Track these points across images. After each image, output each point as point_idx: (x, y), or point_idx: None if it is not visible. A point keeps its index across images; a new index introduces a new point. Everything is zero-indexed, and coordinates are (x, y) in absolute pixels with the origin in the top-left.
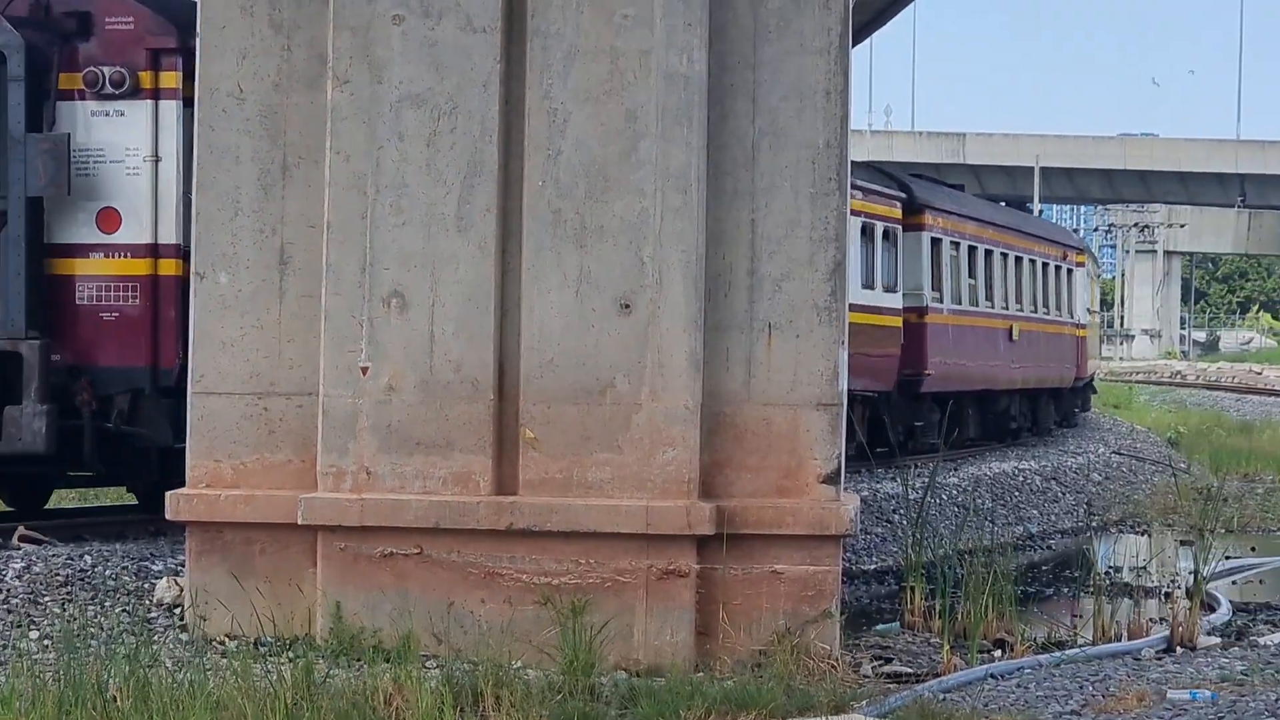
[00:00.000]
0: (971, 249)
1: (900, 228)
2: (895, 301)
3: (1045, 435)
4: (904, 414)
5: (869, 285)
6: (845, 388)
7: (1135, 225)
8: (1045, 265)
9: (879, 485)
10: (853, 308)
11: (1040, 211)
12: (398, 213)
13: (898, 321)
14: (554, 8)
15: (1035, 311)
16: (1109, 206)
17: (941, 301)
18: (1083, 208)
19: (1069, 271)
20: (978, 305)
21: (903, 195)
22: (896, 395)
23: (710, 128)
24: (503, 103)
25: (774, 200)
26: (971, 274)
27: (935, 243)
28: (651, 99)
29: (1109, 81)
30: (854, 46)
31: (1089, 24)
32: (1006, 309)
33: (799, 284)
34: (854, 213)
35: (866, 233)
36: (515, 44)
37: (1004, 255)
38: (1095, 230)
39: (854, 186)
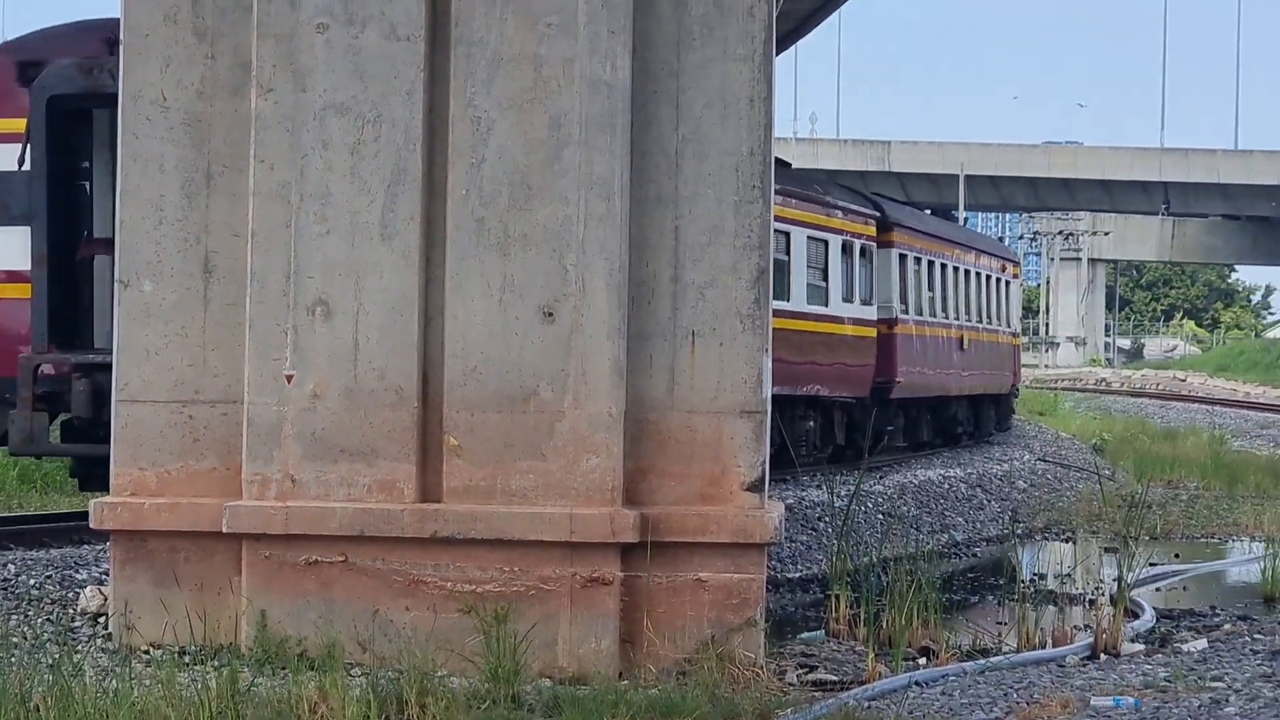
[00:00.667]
0: (930, 264)
1: (875, 245)
2: (871, 314)
3: (985, 439)
4: (876, 419)
5: (849, 299)
6: (769, 395)
7: (1060, 233)
8: (988, 278)
9: (804, 493)
10: (836, 320)
11: (965, 220)
12: (322, 221)
13: (874, 332)
14: (477, 16)
15: (980, 322)
16: (1034, 214)
17: (908, 313)
18: (1008, 215)
19: (1006, 283)
20: (936, 317)
21: (877, 215)
22: (870, 401)
23: (634, 135)
24: (427, 111)
25: (697, 208)
26: (930, 287)
27: (902, 258)
28: (575, 106)
29: (1034, 89)
30: (779, 54)
31: (1014, 32)
32: (958, 319)
33: (723, 291)
34: (836, 231)
35: (847, 250)
36: (439, 52)
37: (955, 269)
38: (1020, 238)
39: (835, 207)
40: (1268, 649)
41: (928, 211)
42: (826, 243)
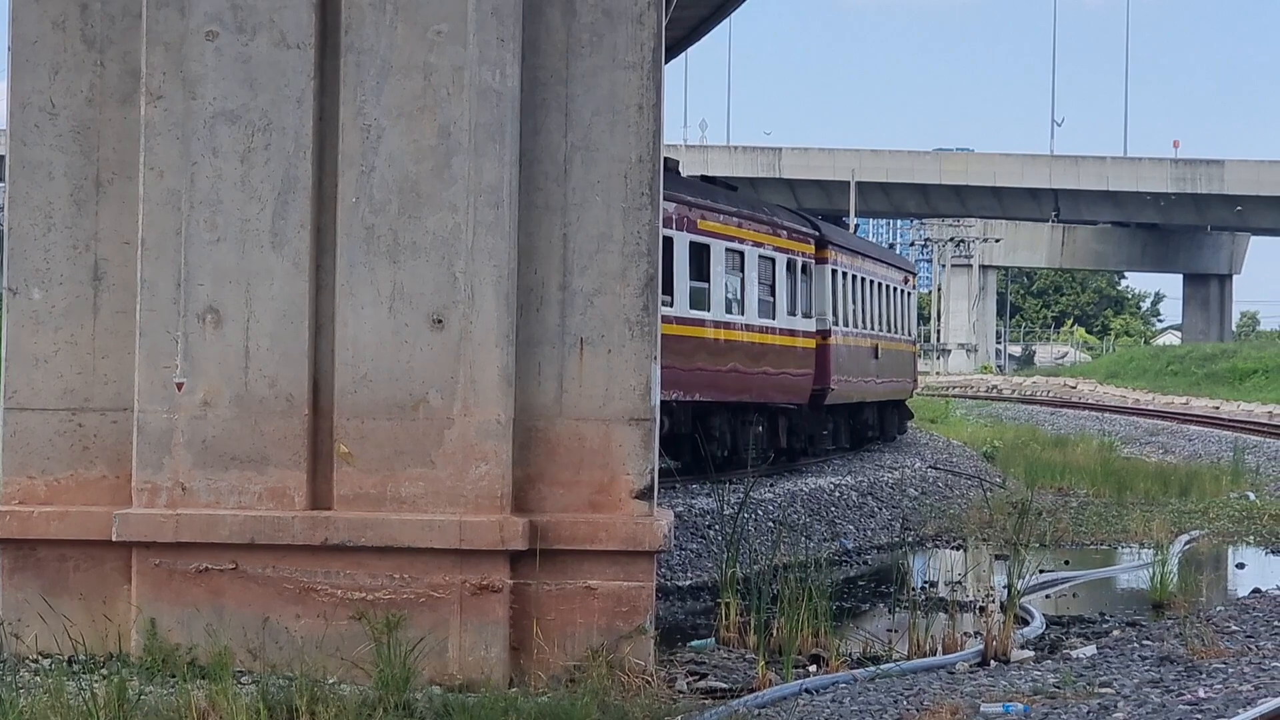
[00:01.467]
0: (854, 278)
1: (813, 261)
2: (811, 326)
3: (890, 441)
4: (812, 424)
5: (793, 313)
6: (658, 402)
7: (951, 240)
8: (894, 289)
9: (694, 501)
10: (780, 331)
11: (856, 227)
12: (212, 229)
13: (813, 344)
14: (367, 24)
15: (888, 331)
16: (925, 221)
17: (839, 325)
18: (899, 222)
19: (907, 294)
20: (858, 328)
21: (815, 234)
22: (807, 407)
23: (523, 143)
24: (317, 119)
25: (586, 215)
26: (853, 300)
27: (834, 274)
28: (465, 115)
29: (925, 97)
30: (669, 61)
31: (905, 40)
32: (873, 330)
33: (611, 299)
34: (782, 250)
35: (790, 267)
36: (329, 60)
37: (871, 282)
38: (911, 245)
39: (781, 227)
40: (1156, 655)
41: (819, 217)
42: (774, 260)
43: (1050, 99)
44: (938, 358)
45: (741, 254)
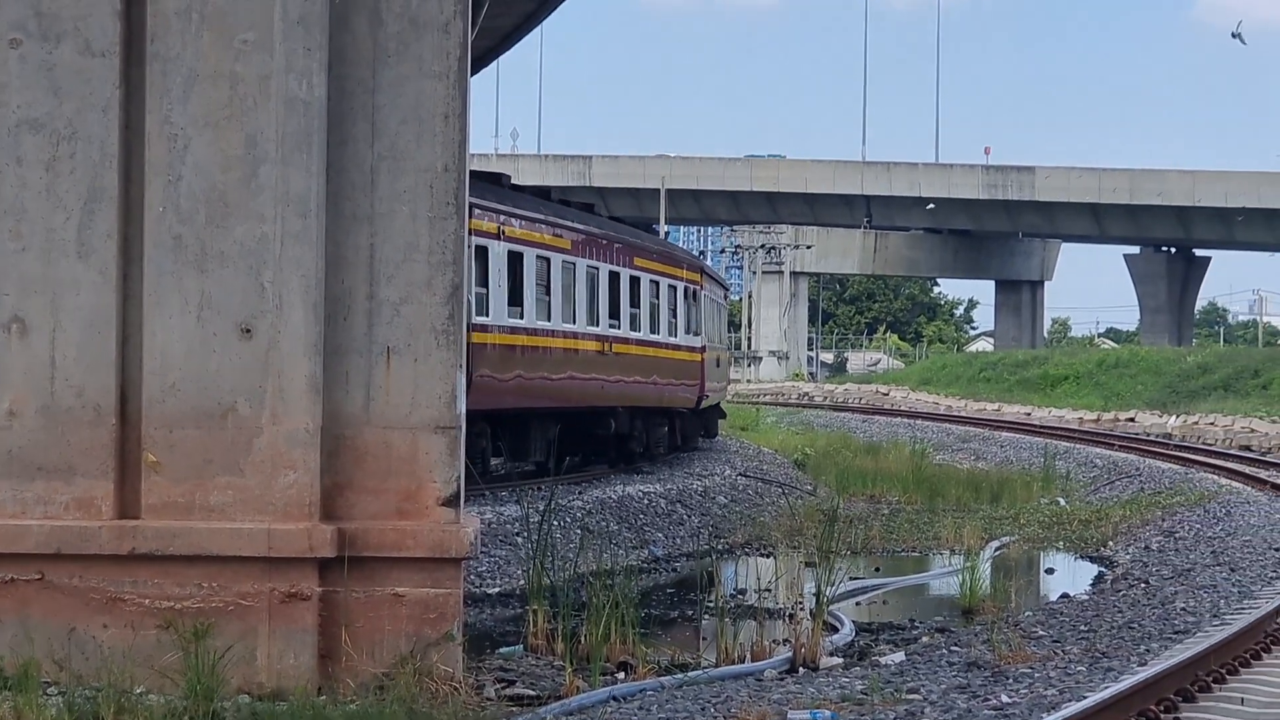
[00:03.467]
0: (710, 300)
1: (698, 288)
2: (698, 343)
3: (710, 439)
4: (694, 425)
5: (688, 332)
6: (464, 410)
7: (762, 246)
8: (719, 305)
9: (503, 509)
10: (676, 347)
11: (667, 234)
12: (17, 238)
13: (699, 358)
14: (173, 32)
15: (715, 342)
16: (736, 228)
17: (707, 342)
18: (709, 229)
19: (723, 307)
20: (711, 342)
21: (700, 266)
22: (690, 411)
23: (330, 152)
24: (123, 128)
25: (393, 224)
26: (709, 319)
27: (707, 299)
28: (272, 124)
29: (737, 104)
30: (482, 69)
31: (716, 46)
32: (712, 342)
33: (417, 308)
34: (683, 280)
35: (686, 294)
36: (135, 68)
37: (713, 301)
38: (722, 252)
39: (682, 262)
40: (963, 660)
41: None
42: (676, 288)
43: (862, 105)
44: (749, 365)
45: (657, 284)
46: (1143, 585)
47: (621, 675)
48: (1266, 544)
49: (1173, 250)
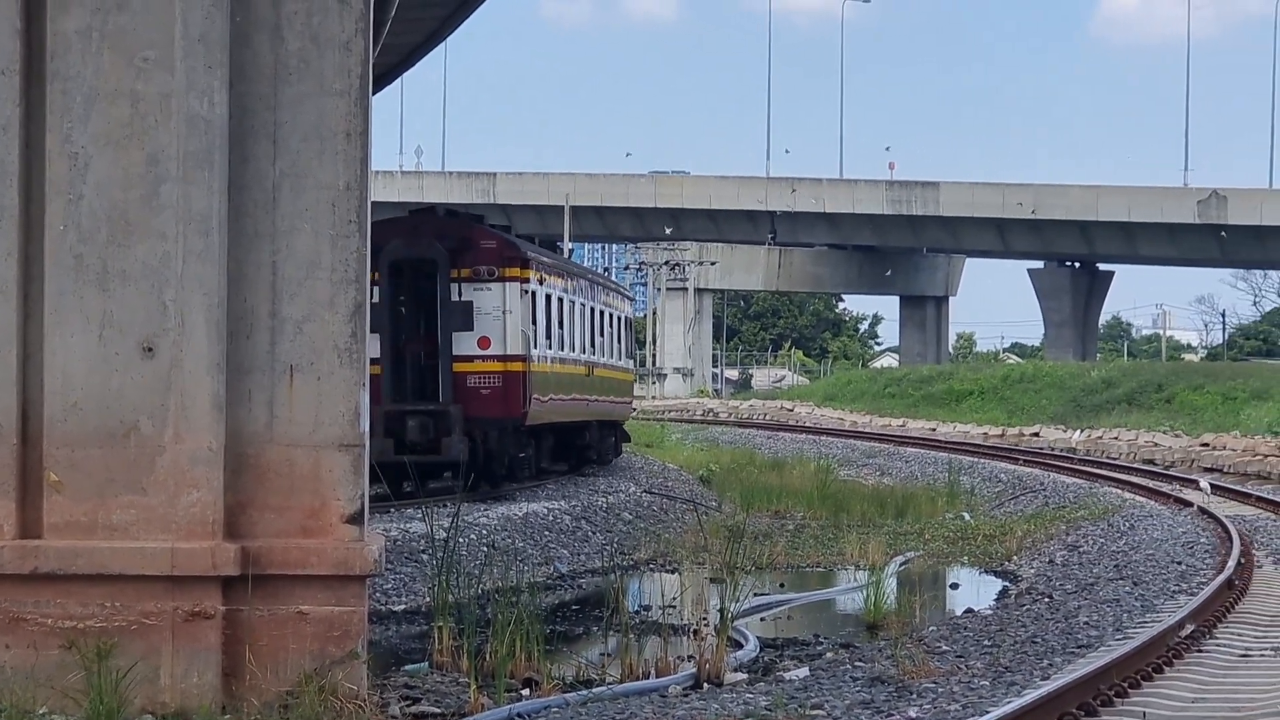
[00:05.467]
0: (630, 323)
1: (629, 316)
2: (630, 365)
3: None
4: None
5: (626, 356)
6: (367, 428)
7: (666, 263)
8: (630, 324)
9: (408, 525)
10: (623, 369)
11: (570, 251)
12: None
13: (632, 378)
14: (74, 50)
15: (630, 362)
16: (640, 245)
17: (634, 365)
18: (614, 245)
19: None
20: (627, 363)
21: (631, 300)
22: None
23: (232, 170)
24: (23, 146)
25: (295, 242)
26: (632, 341)
27: (632, 325)
28: (173, 142)
29: (642, 120)
30: (385, 88)
31: (622, 62)
32: (632, 364)
33: (320, 326)
34: (620, 309)
35: (626, 324)
36: (35, 86)
37: (628, 322)
38: (626, 268)
39: (625, 296)
40: (867, 675)
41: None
42: (619, 317)
43: (766, 121)
44: (654, 382)
45: (605, 314)
46: (1046, 600)
47: (527, 692)
48: (1169, 557)
49: (1076, 265)
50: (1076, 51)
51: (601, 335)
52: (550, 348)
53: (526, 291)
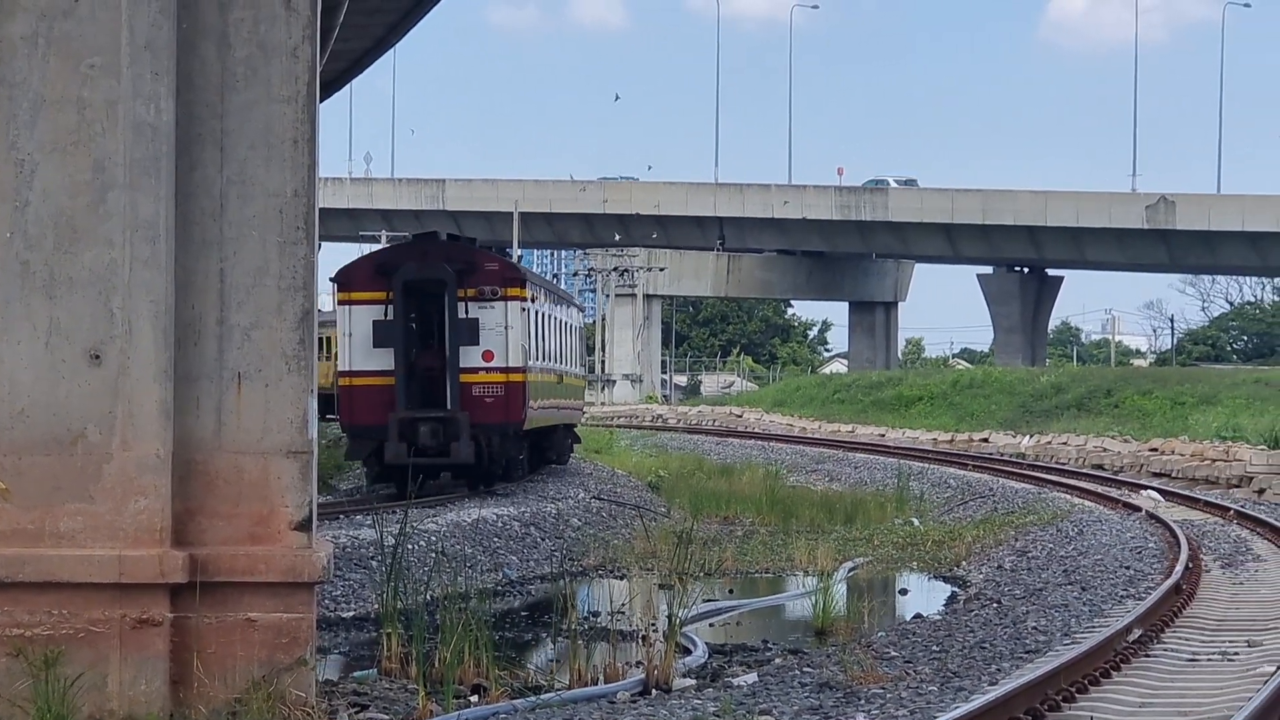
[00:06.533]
0: (580, 330)
1: (580, 325)
2: (583, 372)
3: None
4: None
5: (580, 364)
6: (315, 435)
7: (615, 269)
8: (582, 332)
9: (358, 532)
10: (576, 376)
11: (520, 257)
12: None
13: (584, 384)
14: (20, 56)
15: (583, 369)
16: (589, 251)
17: (585, 371)
18: (563, 251)
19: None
20: (584, 370)
21: (582, 310)
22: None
23: (179, 177)
24: None
25: (243, 249)
26: (587, 350)
27: (584, 334)
28: (120, 149)
29: (590, 126)
30: (333, 94)
31: (570, 67)
32: (584, 370)
33: (268, 333)
34: (574, 319)
35: (579, 333)
36: None
37: (580, 331)
38: (575, 274)
39: (580, 309)
40: (816, 681)
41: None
42: (574, 327)
43: (715, 127)
44: (603, 388)
45: (568, 325)
46: (995, 605)
47: (475, 698)
48: (1118, 562)
49: (1026, 270)
50: (1025, 56)
51: (563, 345)
52: (539, 359)
53: (525, 310)
